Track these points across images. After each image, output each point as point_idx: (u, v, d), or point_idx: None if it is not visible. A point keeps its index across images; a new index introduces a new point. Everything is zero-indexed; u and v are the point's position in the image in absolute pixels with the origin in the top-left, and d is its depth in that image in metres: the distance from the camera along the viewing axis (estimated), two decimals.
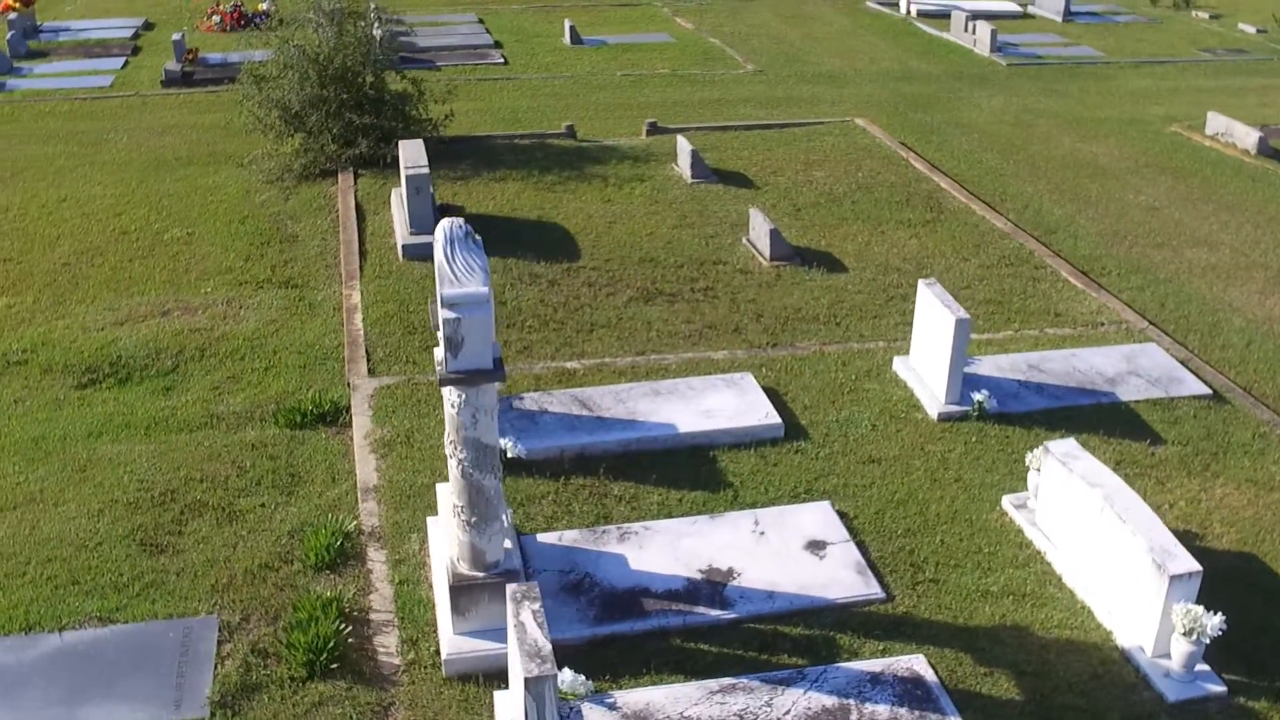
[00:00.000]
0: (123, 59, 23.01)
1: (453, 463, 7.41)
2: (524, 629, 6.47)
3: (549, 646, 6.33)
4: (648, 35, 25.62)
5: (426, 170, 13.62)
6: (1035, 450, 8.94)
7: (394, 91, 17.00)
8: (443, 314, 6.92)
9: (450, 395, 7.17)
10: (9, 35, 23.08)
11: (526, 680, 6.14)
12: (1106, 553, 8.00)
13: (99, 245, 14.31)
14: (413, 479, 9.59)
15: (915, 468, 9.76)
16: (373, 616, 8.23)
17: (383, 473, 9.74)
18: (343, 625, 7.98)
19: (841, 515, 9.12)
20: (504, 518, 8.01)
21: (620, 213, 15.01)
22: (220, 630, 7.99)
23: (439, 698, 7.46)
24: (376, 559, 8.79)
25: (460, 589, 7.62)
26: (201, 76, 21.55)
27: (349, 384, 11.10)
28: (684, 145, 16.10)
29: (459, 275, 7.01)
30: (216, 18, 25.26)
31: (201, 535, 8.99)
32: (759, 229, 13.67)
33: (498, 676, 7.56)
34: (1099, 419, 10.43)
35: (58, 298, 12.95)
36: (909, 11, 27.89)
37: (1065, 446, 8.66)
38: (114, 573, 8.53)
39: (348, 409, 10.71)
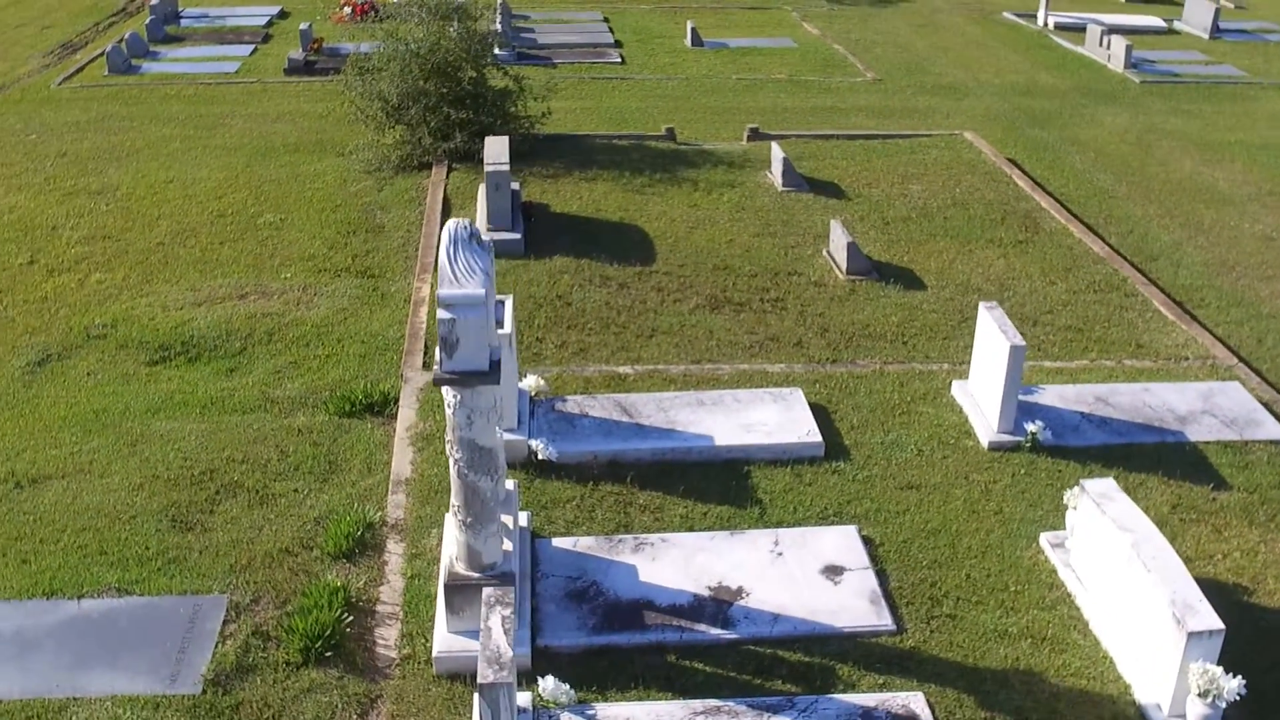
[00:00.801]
0: (253, 46, 23.76)
1: (450, 462, 7.41)
2: (490, 634, 6.42)
3: (510, 654, 6.27)
4: (771, 40, 25.36)
5: (507, 167, 13.69)
6: (1074, 488, 8.53)
7: (494, 88, 17.14)
8: (439, 314, 6.92)
9: (447, 395, 7.17)
10: (148, 20, 24.05)
11: (480, 686, 6.10)
12: (1131, 601, 7.58)
13: (194, 227, 14.78)
14: (444, 474, 9.62)
15: (955, 497, 9.41)
16: (379, 609, 8.29)
17: (416, 466, 9.81)
18: (345, 615, 8.06)
19: (867, 541, 8.85)
20: (502, 520, 7.99)
21: (704, 218, 14.87)
22: (228, 610, 8.14)
23: (425, 695, 7.48)
24: (394, 551, 8.86)
25: (454, 588, 7.62)
26: (323, 66, 22.11)
27: (402, 376, 11.22)
28: (777, 152, 15.87)
29: (459, 276, 7.00)
30: (348, 9, 25.88)
31: (231, 516, 9.19)
32: (838, 241, 13.39)
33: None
34: (1162, 459, 9.91)
35: (146, 276, 13.41)
36: (1046, 24, 27.02)
37: (1102, 486, 8.24)
38: (140, 546, 8.77)
39: (396, 400, 10.83)
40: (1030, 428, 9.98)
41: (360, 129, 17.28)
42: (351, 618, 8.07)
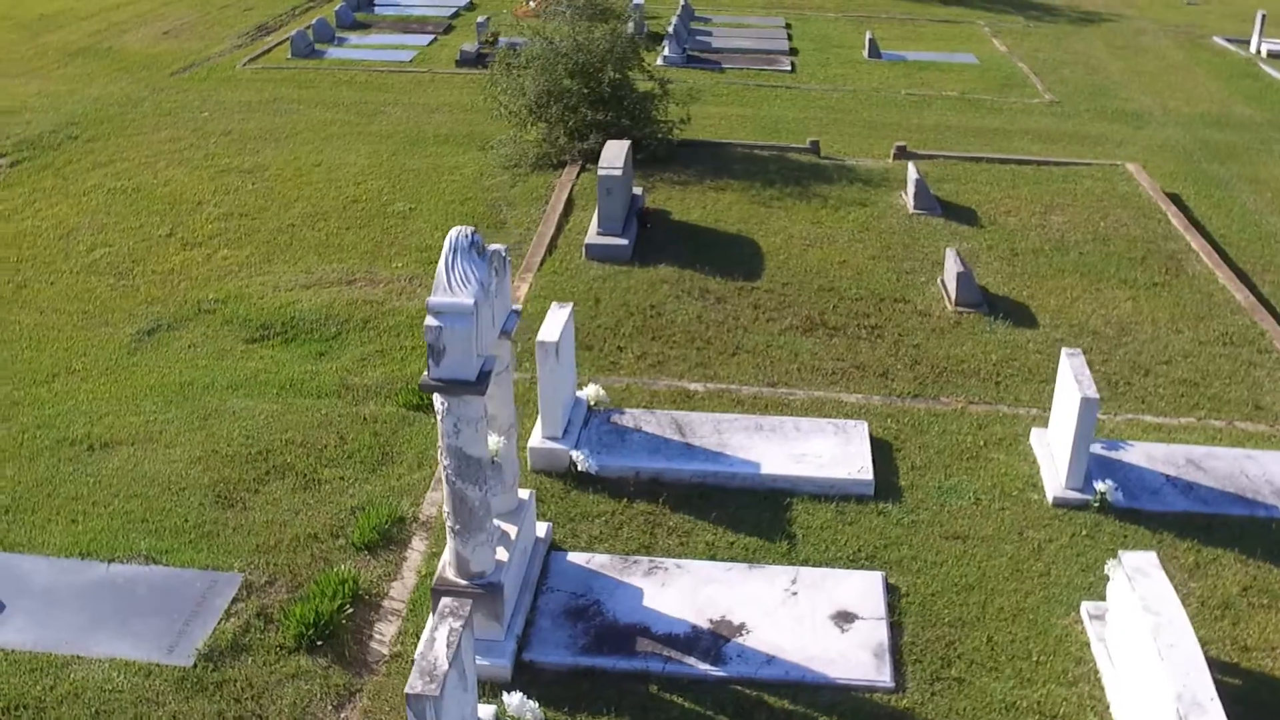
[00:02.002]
0: (433, 36, 24.45)
1: (440, 468, 7.41)
2: (432, 645, 6.39)
3: (445, 668, 6.22)
4: (952, 55, 24.54)
5: (619, 172, 13.66)
6: (1115, 558, 7.92)
7: (637, 91, 17.12)
8: (426, 320, 6.94)
9: (436, 402, 7.17)
10: (338, 6, 25.03)
11: (408, 695, 6.07)
12: (1147, 689, 6.99)
13: (326, 211, 15.29)
14: None
15: (1002, 552, 8.88)
16: (385, 604, 8.39)
17: None
18: (346, 606, 8.17)
19: (891, 589, 8.44)
20: (504, 529, 7.96)
21: (823, 236, 14.49)
22: (240, 589, 8.37)
23: (401, 695, 7.50)
24: (417, 548, 8.95)
25: (440, 593, 7.62)
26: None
27: None
28: (912, 172, 15.33)
29: (452, 285, 6.99)
30: (532, 2, 26.33)
31: (274, 497, 9.45)
32: (950, 269, 12.83)
33: None
34: (1245, 534, 9.11)
35: (269, 255, 13.95)
36: (1258, 50, 25.26)
37: (1140, 560, 7.62)
38: (180, 518, 9.11)
39: None
40: (1100, 486, 9.33)
41: (504, 124, 17.52)
42: (352, 610, 8.17)
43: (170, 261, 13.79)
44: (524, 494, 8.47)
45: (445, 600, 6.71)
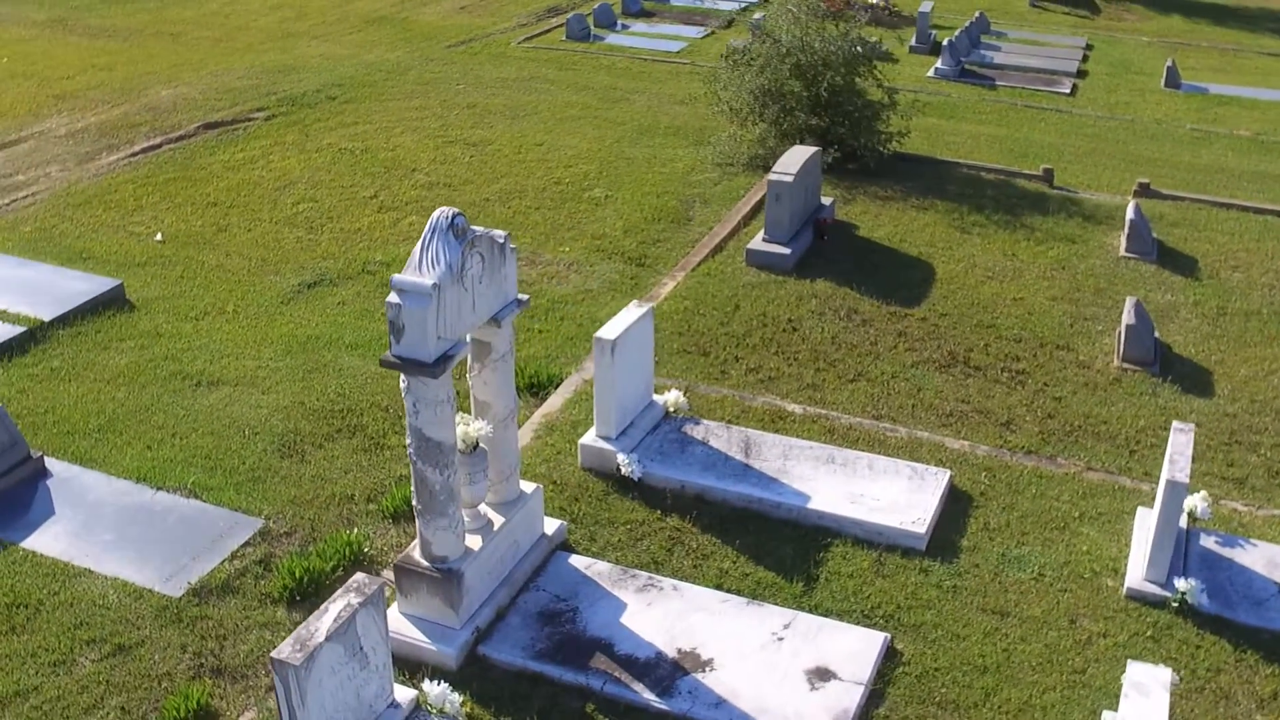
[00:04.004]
0: (710, 30, 24.44)
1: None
2: (321, 616, 6.41)
3: (320, 640, 6.22)
4: (1267, 91, 22.11)
5: (790, 178, 13.17)
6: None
7: (863, 99, 16.44)
8: (389, 296, 6.93)
9: (401, 379, 7.16)
10: None
11: (271, 659, 6.11)
12: None
13: (525, 189, 15.61)
14: (540, 463, 9.59)
15: (1042, 638, 7.94)
16: (386, 573, 8.47)
17: (524, 448, 9.84)
18: (342, 568, 8.32)
19: (893, 655, 7.73)
20: (489, 517, 7.87)
21: (1010, 270, 13.43)
22: (256, 534, 8.69)
23: None
24: None
25: (402, 570, 7.64)
26: None
27: (581, 365, 11.25)
28: (1130, 211, 13.94)
29: (422, 265, 6.96)
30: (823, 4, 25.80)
31: (334, 454, 9.75)
32: (1124, 321, 11.58)
33: (413, 665, 7.51)
34: None
35: None
36: None
37: (1148, 674, 6.61)
38: (237, 460, 9.57)
39: (557, 386, 10.90)
40: (1181, 585, 8.16)
41: (729, 120, 17.27)
42: (341, 574, 8.31)
43: (360, 221, 14.47)
44: (528, 487, 8.34)
45: (357, 576, 6.71)
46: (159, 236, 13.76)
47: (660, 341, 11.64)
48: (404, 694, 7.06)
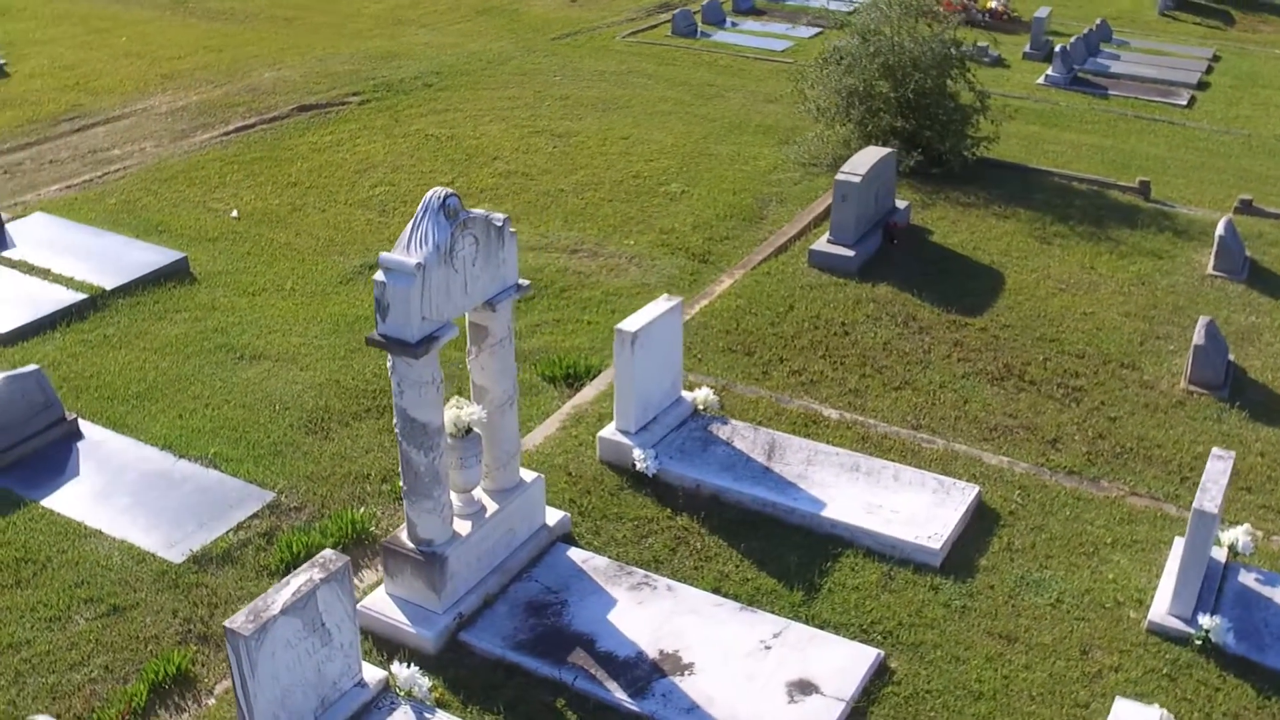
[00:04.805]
0: (819, 30, 24.03)
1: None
2: (281, 589, 6.42)
3: (274, 613, 6.23)
4: None
5: (858, 179, 12.83)
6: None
7: (955, 103, 15.96)
8: (375, 274, 6.92)
9: (388, 359, 7.15)
10: None
11: (225, 628, 6.14)
12: None
13: (601, 181, 15.54)
14: (553, 453, 9.52)
15: (1048, 668, 7.55)
16: None
17: (546, 439, 9.79)
18: (342, 547, 8.36)
19: (884, 673, 7.43)
20: (482, 502, 7.82)
21: (1084, 283, 12.87)
22: (265, 507, 8.78)
23: None
24: None
25: (389, 551, 7.63)
26: None
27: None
28: (1220, 228, 13.23)
29: (410, 243, 6.94)
30: (940, 7, 25.17)
31: (358, 433, 9.81)
32: (1194, 341, 11.00)
33: (393, 646, 7.50)
34: None
35: (520, 215, 14.39)
36: None
37: (1136, 714, 6.23)
38: (264, 433, 9.69)
39: (594, 378, 10.80)
40: (1205, 622, 7.67)
41: (814, 120, 16.96)
42: (339, 548, 8.33)
43: None
44: (528, 476, 8.25)
45: (325, 552, 6.71)
46: (234, 213, 14.06)
47: (705, 339, 11.46)
48: (373, 674, 7.04)
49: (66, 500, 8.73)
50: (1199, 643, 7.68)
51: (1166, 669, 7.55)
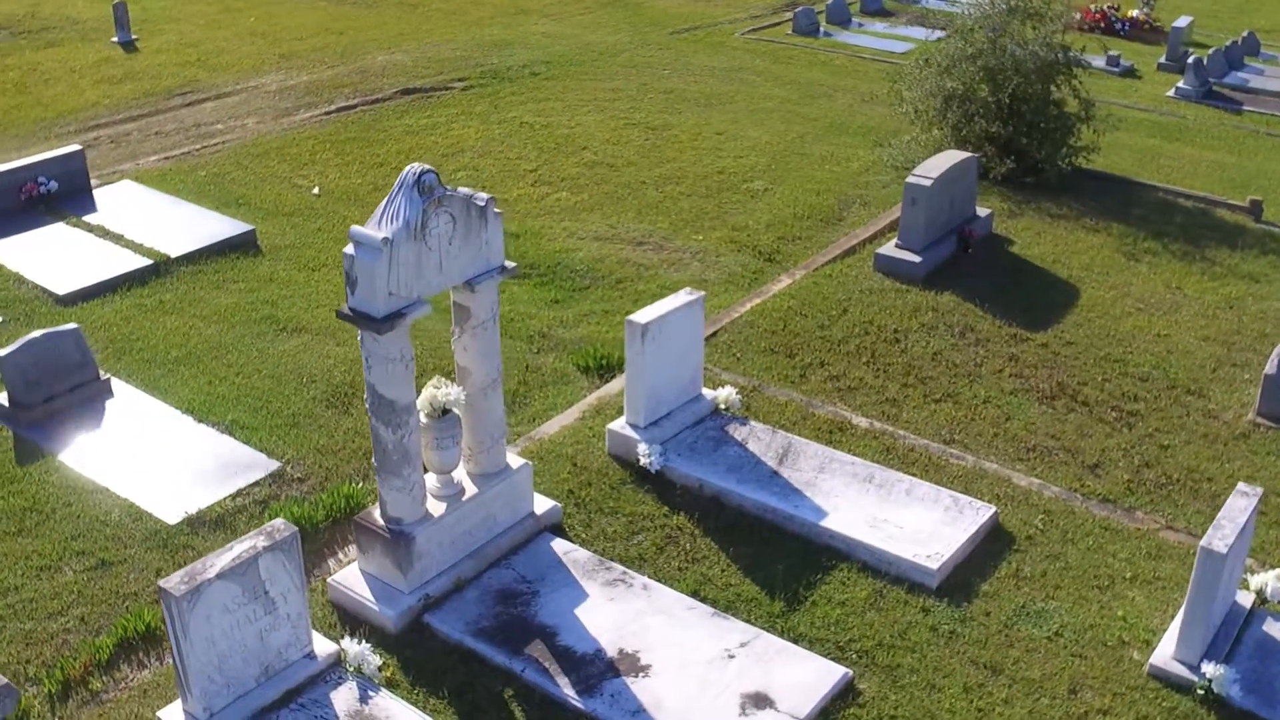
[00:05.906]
0: (945, 34, 23.30)
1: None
2: (225, 552, 6.48)
3: (211, 576, 6.29)
4: None
5: (929, 183, 12.38)
6: None
7: (1057, 109, 15.29)
8: (345, 248, 6.92)
9: (359, 333, 7.15)
10: None
11: (160, 587, 6.22)
12: None
13: (684, 176, 15.37)
14: (571, 443, 9.42)
15: (1030, 705, 7.12)
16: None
17: (563, 428, 9.71)
18: (333, 520, 8.41)
19: (849, 693, 7.12)
20: (461, 484, 7.78)
21: (1167, 303, 12.17)
22: (268, 475, 8.90)
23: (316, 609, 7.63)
24: None
25: (360, 527, 7.64)
26: None
27: None
28: None
29: (382, 219, 6.91)
30: (1078, 14, 24.23)
31: None
32: (1266, 370, 10.28)
33: (358, 622, 7.52)
34: None
35: (595, 205, 14.35)
36: None
37: None
38: (284, 404, 9.84)
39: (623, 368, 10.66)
40: (1209, 671, 7.13)
41: (909, 122, 16.47)
42: (330, 523, 8.39)
43: (509, 193, 14.62)
44: (515, 461, 8.17)
45: (275, 521, 6.74)
46: (316, 190, 14.35)
47: (749, 337, 11.22)
48: (325, 647, 7.05)
49: (82, 456, 9.00)
50: (1201, 692, 7.14)
51: (1161, 716, 7.04)
